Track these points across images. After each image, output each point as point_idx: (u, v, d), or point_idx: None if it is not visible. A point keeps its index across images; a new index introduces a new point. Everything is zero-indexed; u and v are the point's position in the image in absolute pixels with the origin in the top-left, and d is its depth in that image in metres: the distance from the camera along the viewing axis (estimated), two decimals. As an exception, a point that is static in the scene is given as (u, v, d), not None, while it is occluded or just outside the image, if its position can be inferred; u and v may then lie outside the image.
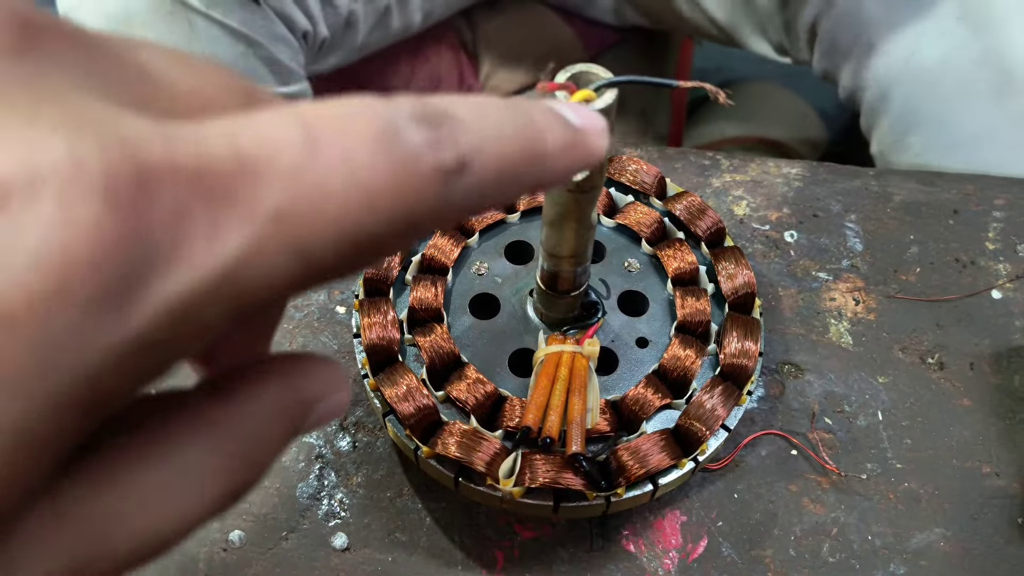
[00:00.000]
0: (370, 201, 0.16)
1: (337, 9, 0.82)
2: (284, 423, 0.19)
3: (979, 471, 0.49)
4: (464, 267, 0.51)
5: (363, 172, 0.16)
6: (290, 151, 0.15)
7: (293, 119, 0.16)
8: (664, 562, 0.46)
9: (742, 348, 0.47)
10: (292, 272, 0.16)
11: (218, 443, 0.18)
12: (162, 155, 0.14)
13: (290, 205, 0.15)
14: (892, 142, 0.78)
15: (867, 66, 0.77)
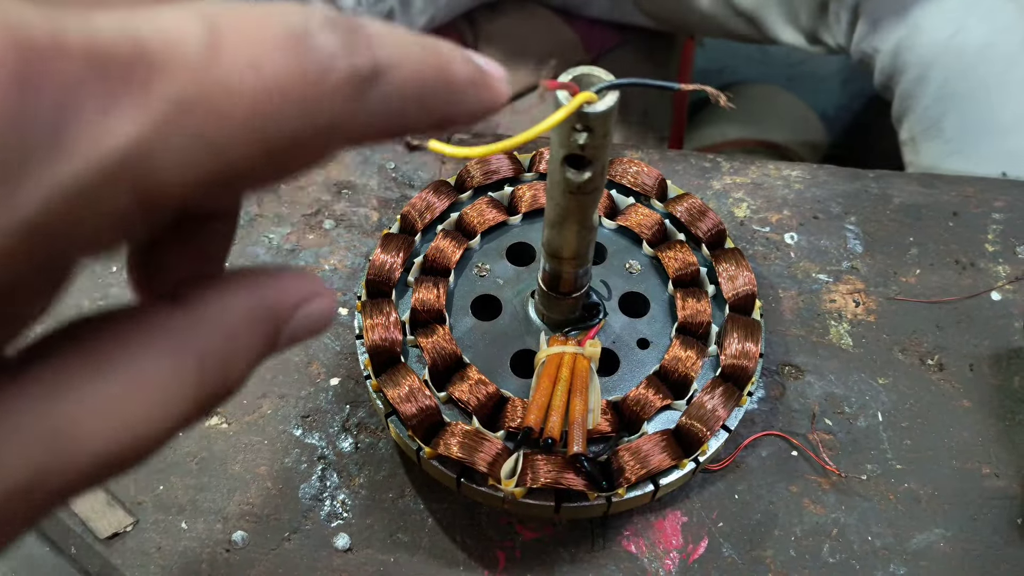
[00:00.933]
0: (279, 100, 0.16)
1: (342, 12, 0.82)
2: (255, 330, 0.19)
3: (979, 472, 0.50)
4: (466, 269, 0.51)
5: (270, 71, 0.16)
6: (192, 46, 0.15)
7: (197, 16, 0.15)
8: (665, 562, 0.46)
9: (743, 349, 0.47)
10: (203, 166, 0.15)
11: (178, 349, 0.18)
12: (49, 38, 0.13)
13: (193, 96, 0.15)
14: (925, 127, 0.77)
15: (909, 46, 0.76)
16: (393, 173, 0.62)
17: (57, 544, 0.45)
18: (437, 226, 0.53)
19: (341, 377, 0.52)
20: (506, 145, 0.31)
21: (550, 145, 0.36)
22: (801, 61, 1.64)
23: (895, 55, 0.79)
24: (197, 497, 0.47)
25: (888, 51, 0.79)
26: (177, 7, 0.16)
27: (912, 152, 0.80)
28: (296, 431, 0.49)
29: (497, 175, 0.55)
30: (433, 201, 0.53)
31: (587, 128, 0.33)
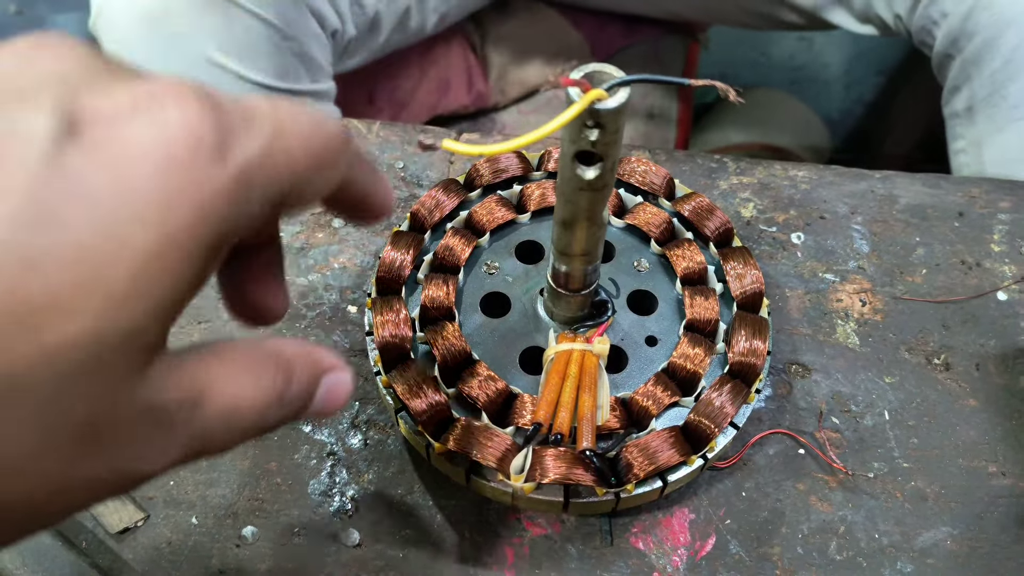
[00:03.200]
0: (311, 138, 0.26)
1: (364, 9, 0.83)
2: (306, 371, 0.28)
3: (985, 470, 0.50)
4: (475, 266, 0.51)
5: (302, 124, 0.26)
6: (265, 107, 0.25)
7: (264, 98, 0.26)
8: (673, 559, 0.46)
9: (750, 347, 0.47)
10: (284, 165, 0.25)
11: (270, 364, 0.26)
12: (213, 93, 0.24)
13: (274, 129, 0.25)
14: (989, 92, 0.76)
15: (987, 5, 0.75)
16: (402, 172, 0.63)
17: (68, 539, 0.46)
18: (447, 224, 0.53)
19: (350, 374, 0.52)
20: (519, 143, 0.32)
21: (561, 142, 0.36)
22: (804, 65, 1.64)
23: (967, 17, 0.77)
24: (207, 492, 0.47)
25: (960, 13, 0.78)
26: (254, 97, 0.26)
27: (966, 124, 0.79)
28: (305, 427, 0.50)
29: (506, 174, 0.55)
30: (443, 199, 0.53)
31: (598, 124, 0.34)
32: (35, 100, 0.21)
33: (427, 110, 1.06)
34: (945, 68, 0.81)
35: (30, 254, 0.20)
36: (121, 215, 0.21)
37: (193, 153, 0.22)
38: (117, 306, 0.21)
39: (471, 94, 1.07)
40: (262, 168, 0.24)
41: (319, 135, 0.26)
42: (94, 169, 0.21)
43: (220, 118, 0.23)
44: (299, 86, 0.78)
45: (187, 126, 0.22)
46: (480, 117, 1.12)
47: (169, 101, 0.22)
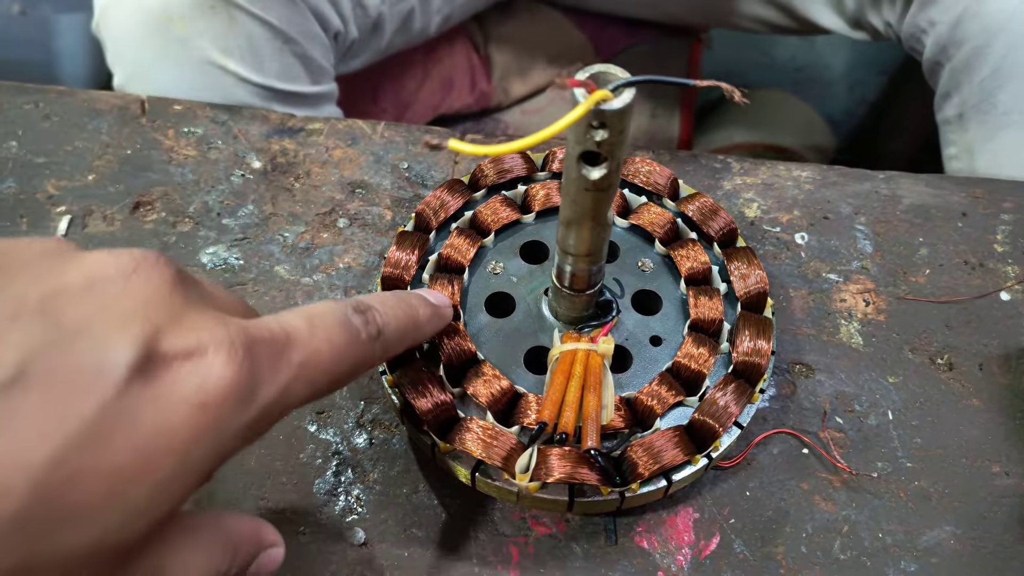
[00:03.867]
0: (341, 355, 0.32)
1: (367, 11, 0.83)
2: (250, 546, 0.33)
3: (989, 470, 0.50)
4: (480, 266, 0.51)
5: (335, 339, 0.32)
6: (303, 332, 0.31)
7: (303, 318, 0.31)
8: (677, 558, 0.46)
9: (754, 347, 0.47)
10: (306, 394, 0.31)
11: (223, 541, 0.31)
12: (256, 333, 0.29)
13: (304, 358, 0.30)
14: (979, 100, 0.76)
15: (975, 14, 0.75)
16: (406, 173, 0.63)
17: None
18: (451, 224, 0.53)
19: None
20: (525, 143, 0.32)
21: (567, 142, 0.36)
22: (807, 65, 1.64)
23: (955, 26, 0.77)
24: (213, 490, 0.48)
25: (948, 22, 0.77)
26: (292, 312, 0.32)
27: (957, 130, 0.79)
28: (311, 427, 0.50)
29: (511, 174, 0.55)
30: (447, 199, 0.53)
31: (603, 125, 0.34)
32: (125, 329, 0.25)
33: (431, 110, 1.06)
34: (935, 75, 0.82)
35: (77, 469, 0.23)
36: (155, 447, 0.25)
37: (222, 401, 0.27)
38: (128, 520, 0.25)
39: (474, 94, 1.07)
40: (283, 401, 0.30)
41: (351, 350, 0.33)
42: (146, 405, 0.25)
43: (254, 370, 0.28)
44: (300, 88, 0.78)
45: (224, 380, 0.27)
46: (483, 117, 1.12)
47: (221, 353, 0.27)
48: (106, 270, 0.27)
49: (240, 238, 0.58)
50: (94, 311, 0.26)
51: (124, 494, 0.24)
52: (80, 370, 0.24)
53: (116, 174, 0.62)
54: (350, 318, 0.33)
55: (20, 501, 0.22)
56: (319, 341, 0.31)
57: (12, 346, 0.24)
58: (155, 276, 0.28)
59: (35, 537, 0.23)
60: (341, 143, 0.65)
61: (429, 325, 0.41)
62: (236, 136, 0.65)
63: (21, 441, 0.23)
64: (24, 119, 0.65)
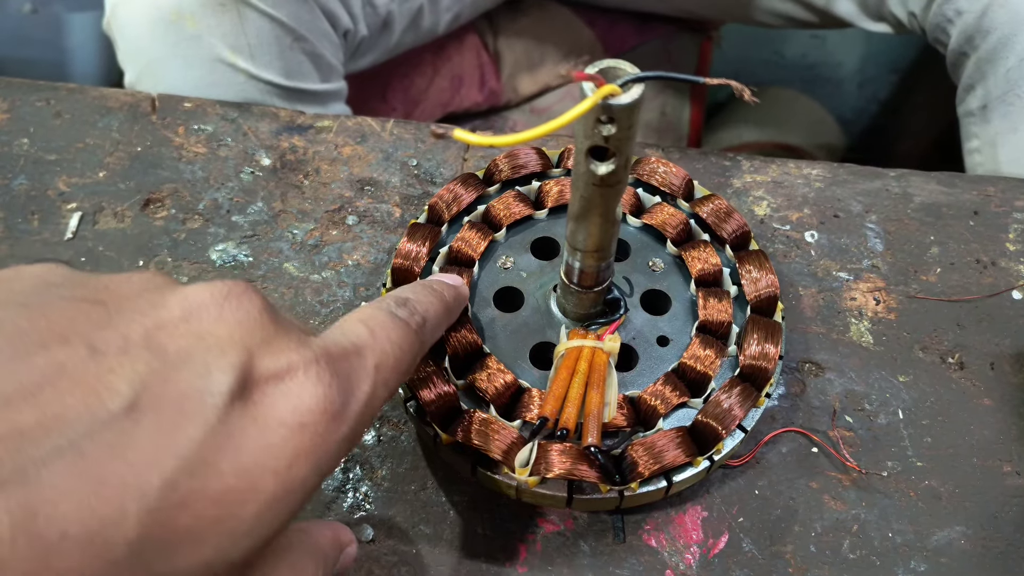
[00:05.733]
0: (403, 350, 0.34)
1: (376, 9, 0.83)
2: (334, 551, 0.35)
3: (1000, 470, 0.49)
4: (490, 261, 0.51)
5: (393, 336, 0.33)
6: (367, 338, 0.32)
7: (360, 323, 0.33)
8: (685, 557, 0.46)
9: (762, 351, 0.47)
10: (385, 396, 0.32)
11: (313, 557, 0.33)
12: (333, 350, 0.30)
13: (377, 361, 0.32)
14: (1004, 91, 0.76)
15: (1004, 2, 0.75)
16: (415, 170, 0.63)
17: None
18: (464, 217, 0.53)
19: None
20: (530, 135, 0.32)
21: (575, 137, 0.36)
22: (818, 63, 1.64)
23: (983, 15, 0.76)
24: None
25: (976, 11, 0.77)
26: (351, 322, 0.33)
27: (980, 123, 0.79)
28: (319, 423, 0.50)
29: (525, 169, 0.55)
30: (461, 193, 0.53)
31: (611, 120, 0.34)
32: (223, 356, 0.27)
33: (440, 108, 1.06)
34: (959, 67, 0.81)
35: (187, 493, 0.24)
36: (259, 468, 0.26)
37: (319, 419, 0.28)
38: (236, 541, 0.26)
39: (483, 92, 1.07)
40: (370, 406, 0.31)
41: (408, 343, 0.34)
42: (247, 427, 0.26)
43: (340, 384, 0.29)
44: (310, 85, 0.78)
45: (316, 398, 0.28)
46: (492, 115, 1.12)
47: (312, 373, 0.28)
48: (202, 300, 0.28)
49: (249, 235, 0.59)
50: (194, 340, 0.27)
51: (233, 516, 0.25)
52: (185, 397, 0.25)
53: (126, 171, 0.62)
54: (397, 313, 0.35)
55: (137, 527, 0.23)
56: (382, 342, 0.33)
57: (124, 378, 0.25)
58: (245, 302, 0.29)
59: (151, 561, 0.23)
60: (350, 140, 0.65)
61: (456, 305, 0.43)
62: (246, 133, 0.65)
63: (135, 468, 0.23)
64: (35, 116, 0.65)
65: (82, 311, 0.27)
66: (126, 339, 0.26)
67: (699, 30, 1.21)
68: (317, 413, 0.28)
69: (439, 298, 0.40)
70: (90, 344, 0.25)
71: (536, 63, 1.08)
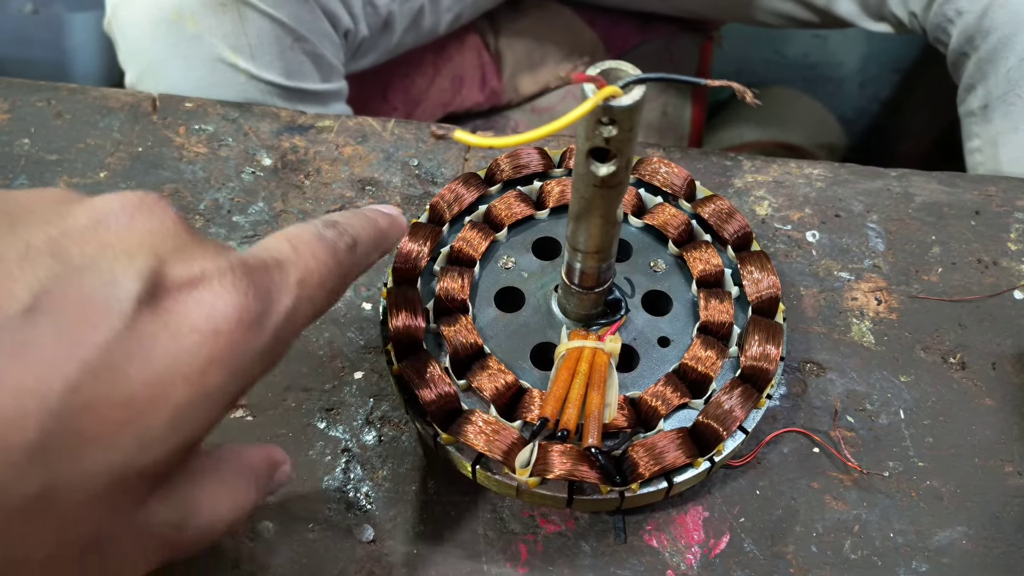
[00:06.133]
0: (328, 267, 0.33)
1: (377, 9, 0.83)
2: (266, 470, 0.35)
3: (1001, 470, 0.49)
4: (491, 260, 0.51)
5: (318, 253, 0.33)
6: (289, 253, 0.32)
7: (283, 240, 0.33)
8: (686, 557, 0.46)
9: (763, 352, 0.47)
10: (309, 312, 0.32)
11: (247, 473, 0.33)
12: (252, 262, 0.30)
13: (300, 276, 0.32)
14: (1005, 91, 0.76)
15: (1003, 3, 0.75)
16: (416, 170, 0.63)
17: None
18: (465, 217, 0.53)
19: (365, 371, 0.52)
20: (530, 136, 0.32)
21: (576, 138, 0.36)
22: (819, 63, 1.64)
23: (983, 15, 0.76)
24: (223, 488, 0.48)
25: (976, 11, 0.77)
26: (274, 238, 0.33)
27: (981, 122, 0.79)
28: (320, 424, 0.50)
29: (527, 169, 0.55)
30: (462, 192, 0.53)
31: (612, 121, 0.34)
32: (131, 262, 0.26)
33: (441, 108, 1.06)
34: (960, 66, 0.81)
35: (91, 397, 0.24)
36: (169, 374, 0.26)
37: (234, 327, 0.27)
38: (146, 446, 0.26)
39: (485, 92, 1.07)
40: (290, 320, 0.31)
41: (334, 263, 0.33)
42: (157, 333, 0.26)
43: (258, 293, 0.29)
44: (310, 85, 0.78)
45: (231, 306, 0.28)
46: (493, 115, 1.12)
47: (227, 281, 0.28)
48: (110, 208, 0.28)
49: (250, 235, 0.59)
50: (101, 247, 0.27)
51: (140, 421, 0.25)
52: (90, 302, 0.25)
53: (127, 171, 0.62)
54: (324, 232, 0.34)
55: (37, 429, 0.23)
56: (306, 259, 0.32)
57: (23, 283, 0.25)
58: (158, 211, 0.29)
59: (53, 463, 0.24)
60: (351, 140, 0.65)
61: (392, 232, 0.41)
62: (247, 133, 0.65)
63: (35, 371, 0.23)
64: (36, 116, 0.65)
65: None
66: (28, 245, 0.26)
67: (700, 30, 1.21)
68: (232, 320, 0.27)
69: (371, 223, 0.39)
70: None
71: (537, 63, 1.08)
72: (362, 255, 0.37)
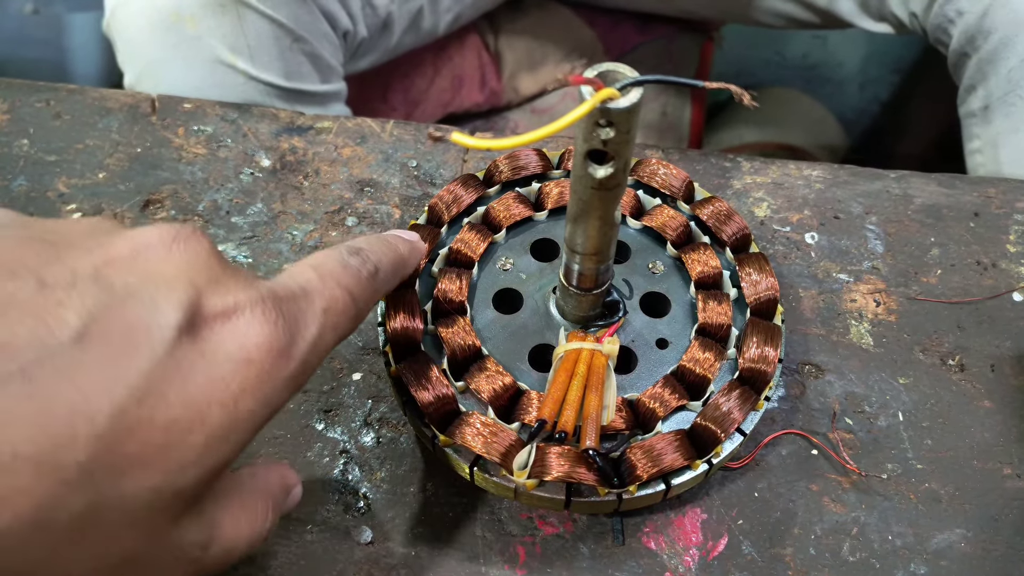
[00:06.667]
0: (353, 295, 0.34)
1: (376, 10, 0.83)
2: (281, 493, 0.36)
3: (1000, 472, 0.49)
4: (490, 262, 0.51)
5: (342, 281, 0.34)
6: (315, 282, 0.33)
7: (310, 268, 0.34)
8: (684, 559, 0.46)
9: (761, 354, 0.47)
10: (334, 339, 0.33)
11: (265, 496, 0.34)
12: (280, 292, 0.31)
13: (325, 305, 0.33)
14: (1005, 92, 0.76)
15: (1003, 3, 0.75)
16: (415, 171, 0.63)
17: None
18: (463, 219, 0.53)
19: (363, 372, 0.52)
20: (528, 139, 0.32)
21: (574, 140, 0.36)
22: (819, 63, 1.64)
23: (984, 15, 0.77)
24: (221, 489, 0.48)
25: (976, 11, 0.77)
26: (300, 267, 0.34)
27: (981, 123, 0.79)
28: (318, 425, 0.50)
29: (525, 171, 0.55)
30: (461, 194, 0.53)
31: (610, 124, 0.34)
32: (171, 292, 0.28)
33: (441, 108, 1.06)
34: (961, 67, 0.81)
35: (135, 420, 0.25)
36: (205, 399, 0.27)
37: (265, 356, 0.29)
38: (184, 468, 0.27)
39: (484, 92, 1.07)
40: (317, 347, 0.32)
41: (357, 289, 0.35)
42: (195, 360, 0.27)
43: (287, 324, 0.30)
44: (309, 86, 0.78)
45: (263, 336, 0.29)
46: (493, 115, 1.12)
47: (258, 312, 0.29)
48: (150, 240, 0.29)
49: (249, 236, 0.59)
50: (142, 277, 0.28)
51: (180, 444, 0.26)
52: (134, 329, 0.26)
53: (126, 172, 0.62)
54: (348, 260, 0.36)
55: (86, 449, 0.24)
56: (331, 287, 0.34)
57: (72, 309, 0.26)
58: (193, 243, 0.30)
59: (101, 482, 0.25)
60: (350, 141, 0.65)
61: (412, 258, 0.44)
62: (245, 134, 0.65)
63: (85, 394, 0.24)
64: (35, 117, 0.65)
65: (31, 248, 0.27)
66: (74, 273, 0.27)
67: (700, 30, 1.20)
68: (263, 350, 0.29)
69: (392, 249, 0.41)
70: (39, 278, 0.26)
71: (537, 63, 1.08)
72: (383, 281, 0.39)
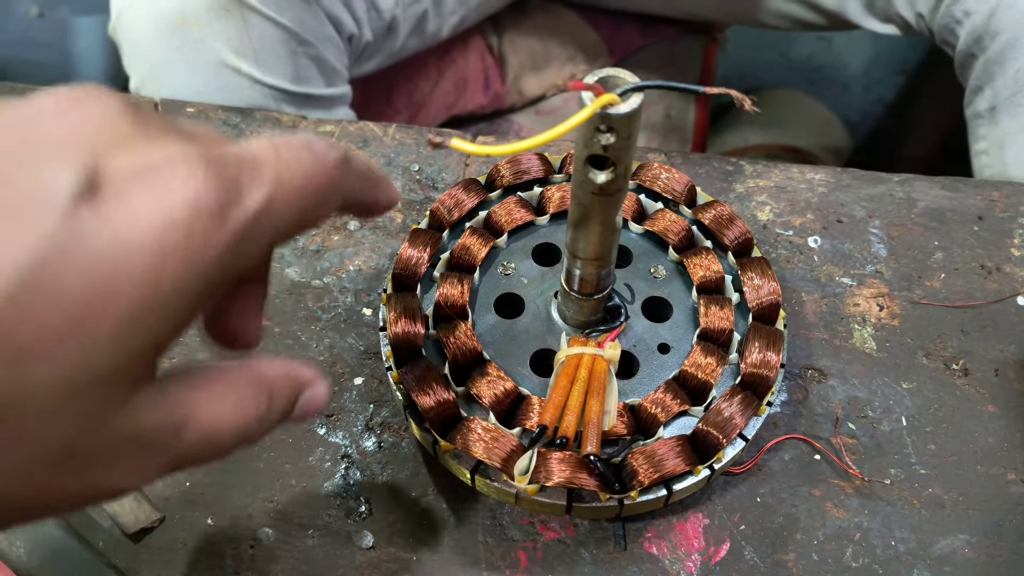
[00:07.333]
0: (313, 174, 0.29)
1: (381, 13, 0.83)
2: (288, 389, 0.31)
3: (1004, 477, 0.49)
4: (491, 267, 0.51)
5: (303, 158, 0.29)
6: (268, 152, 0.28)
7: (267, 141, 0.29)
8: (686, 565, 0.46)
9: (763, 358, 0.47)
10: (290, 216, 0.28)
11: (256, 385, 0.30)
12: (221, 153, 0.26)
13: (278, 175, 0.28)
14: (1012, 92, 0.75)
15: (1010, 4, 0.75)
16: (417, 175, 0.63)
17: (85, 538, 0.46)
18: (465, 223, 0.53)
19: (365, 377, 0.52)
20: (528, 144, 0.32)
21: (575, 145, 0.36)
22: (824, 65, 1.63)
23: (991, 16, 0.76)
24: (223, 494, 0.48)
25: (984, 12, 0.77)
26: (259, 139, 0.29)
27: (988, 124, 0.78)
28: (320, 430, 0.50)
29: (527, 175, 0.55)
30: (462, 198, 0.53)
31: (610, 129, 0.34)
32: (64, 156, 0.24)
33: (444, 111, 1.06)
34: (968, 68, 0.81)
35: (25, 304, 0.22)
36: (113, 273, 0.23)
37: (191, 217, 0.24)
38: (96, 351, 0.23)
39: (488, 95, 1.07)
40: (261, 220, 0.27)
41: (319, 172, 0.30)
42: (100, 229, 0.23)
43: (223, 182, 0.26)
44: (314, 90, 0.78)
45: (188, 193, 0.25)
46: (497, 118, 1.12)
47: (179, 168, 0.25)
48: (43, 107, 0.26)
49: (251, 240, 0.59)
50: (30, 146, 0.24)
51: (87, 326, 0.23)
52: (18, 204, 0.23)
53: (129, 176, 0.62)
54: (313, 142, 0.31)
55: None
56: (288, 160, 0.29)
57: None
58: (96, 105, 0.26)
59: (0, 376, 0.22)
60: (352, 145, 0.65)
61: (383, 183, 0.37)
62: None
63: None
64: (39, 121, 0.65)
65: None
66: None
67: (704, 32, 1.20)
68: (188, 207, 0.24)
69: (366, 160, 0.37)
70: None
71: (541, 65, 1.08)
72: (356, 180, 0.33)
